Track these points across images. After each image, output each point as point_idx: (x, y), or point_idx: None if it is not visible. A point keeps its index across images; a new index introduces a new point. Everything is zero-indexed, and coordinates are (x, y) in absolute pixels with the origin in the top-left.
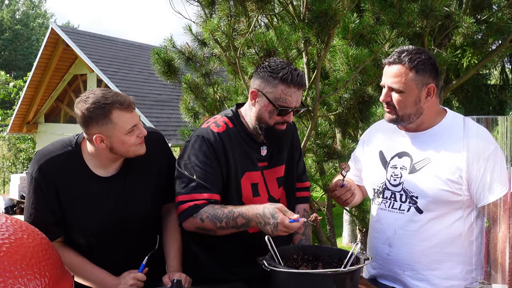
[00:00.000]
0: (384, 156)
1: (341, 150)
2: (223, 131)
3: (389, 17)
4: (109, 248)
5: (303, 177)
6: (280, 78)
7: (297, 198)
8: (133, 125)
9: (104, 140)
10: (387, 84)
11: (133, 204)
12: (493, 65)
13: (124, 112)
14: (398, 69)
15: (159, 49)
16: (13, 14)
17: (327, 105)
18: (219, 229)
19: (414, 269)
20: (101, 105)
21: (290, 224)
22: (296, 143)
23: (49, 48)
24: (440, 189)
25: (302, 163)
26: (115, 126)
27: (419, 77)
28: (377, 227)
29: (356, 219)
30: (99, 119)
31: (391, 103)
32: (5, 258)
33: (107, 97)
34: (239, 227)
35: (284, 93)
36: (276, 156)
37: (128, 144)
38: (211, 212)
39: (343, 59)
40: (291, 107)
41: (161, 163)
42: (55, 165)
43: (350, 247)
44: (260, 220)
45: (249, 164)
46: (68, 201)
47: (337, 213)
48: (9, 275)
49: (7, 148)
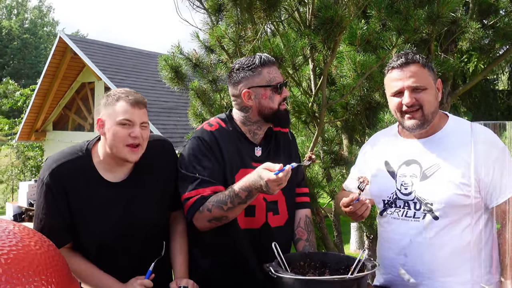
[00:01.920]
0: (390, 166)
1: (348, 156)
2: (216, 129)
3: (396, 24)
4: (116, 254)
5: (302, 183)
6: (258, 65)
7: (298, 203)
8: (128, 119)
9: (103, 125)
10: (408, 85)
11: (141, 210)
12: (500, 71)
13: (127, 104)
14: (415, 67)
15: (166, 56)
16: (22, 23)
17: (333, 111)
18: (228, 211)
19: (431, 278)
20: (115, 94)
21: (278, 176)
22: (295, 151)
23: (57, 57)
24: (455, 193)
25: (300, 171)
26: (114, 111)
27: (431, 73)
28: (390, 237)
29: (364, 226)
30: (107, 104)
31: (416, 104)
32: (12, 265)
33: (123, 91)
34: (246, 201)
35: (269, 73)
36: (272, 158)
37: (117, 137)
38: (214, 200)
39: (351, 65)
40: (282, 81)
41: (168, 170)
42: (66, 170)
43: (357, 253)
44: (256, 186)
45: (243, 161)
46: (78, 206)
47: (344, 219)
48: (16, 282)
49: (15, 156)
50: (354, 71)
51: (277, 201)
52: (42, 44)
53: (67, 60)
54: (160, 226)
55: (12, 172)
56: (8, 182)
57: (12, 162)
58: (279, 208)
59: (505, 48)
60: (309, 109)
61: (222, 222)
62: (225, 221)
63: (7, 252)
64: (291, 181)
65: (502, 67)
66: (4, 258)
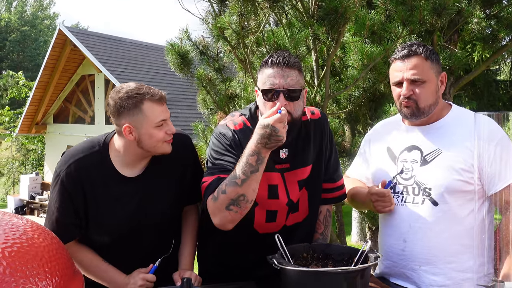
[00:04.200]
0: (392, 152)
1: (351, 148)
2: (240, 129)
3: (401, 15)
4: (127, 248)
5: (335, 176)
6: (264, 64)
7: (325, 199)
8: (163, 119)
9: (133, 131)
10: (407, 77)
11: (156, 204)
12: (503, 61)
13: (155, 104)
14: (416, 60)
15: (173, 42)
16: (21, 15)
17: (337, 103)
18: (243, 186)
19: (430, 263)
20: (134, 95)
21: (282, 114)
22: (327, 138)
23: (56, 49)
24: (454, 178)
25: (334, 161)
26: (145, 117)
27: (434, 65)
28: (390, 223)
29: (366, 217)
30: (131, 108)
31: (412, 96)
32: (16, 258)
33: (140, 88)
34: (258, 168)
35: (268, 75)
36: (300, 157)
37: (155, 138)
38: (227, 179)
39: (357, 56)
40: (275, 88)
41: (186, 165)
42: (83, 165)
43: (359, 245)
44: (263, 142)
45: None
46: (93, 201)
47: (346, 211)
48: (20, 275)
49: (16, 149)
50: (361, 61)
51: (299, 200)
52: (41, 36)
53: (67, 52)
54: (172, 221)
55: (13, 165)
56: (9, 175)
57: (13, 155)
58: (300, 206)
59: (508, 38)
60: (312, 100)
61: (241, 207)
62: (243, 205)
63: (11, 245)
64: (317, 177)
65: (505, 57)
66: (8, 251)
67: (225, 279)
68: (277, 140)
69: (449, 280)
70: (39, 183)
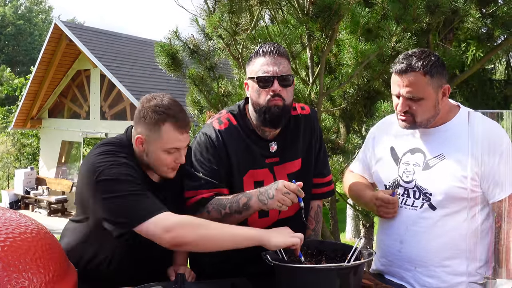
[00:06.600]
0: (395, 152)
1: (345, 145)
2: (225, 128)
3: (395, 12)
4: (146, 246)
5: (325, 171)
6: (255, 54)
7: (314, 194)
8: (176, 147)
9: (143, 143)
10: (403, 95)
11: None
12: (498, 60)
13: (176, 130)
14: (413, 77)
15: (163, 42)
16: (16, 9)
17: (331, 100)
18: (224, 216)
19: (426, 265)
20: (159, 112)
21: (295, 185)
22: (317, 133)
23: (52, 44)
24: (455, 186)
25: (323, 156)
26: (160, 138)
27: (435, 80)
28: (388, 224)
29: (360, 214)
30: (151, 123)
31: (409, 111)
32: (9, 253)
33: (170, 108)
34: (241, 210)
35: (261, 64)
36: (289, 150)
37: (161, 161)
38: (216, 202)
39: (352, 54)
40: (270, 75)
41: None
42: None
43: (353, 242)
44: (261, 194)
45: (253, 162)
46: None
47: (340, 207)
48: (13, 269)
49: (11, 144)
50: (355, 59)
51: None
52: (36, 30)
53: (63, 47)
54: None
55: (8, 160)
56: (4, 169)
57: (8, 149)
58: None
59: (503, 37)
60: (307, 98)
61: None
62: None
63: (3, 239)
64: (307, 170)
65: (499, 56)
66: (0, 245)
67: (218, 275)
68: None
69: (444, 283)
70: (34, 177)
